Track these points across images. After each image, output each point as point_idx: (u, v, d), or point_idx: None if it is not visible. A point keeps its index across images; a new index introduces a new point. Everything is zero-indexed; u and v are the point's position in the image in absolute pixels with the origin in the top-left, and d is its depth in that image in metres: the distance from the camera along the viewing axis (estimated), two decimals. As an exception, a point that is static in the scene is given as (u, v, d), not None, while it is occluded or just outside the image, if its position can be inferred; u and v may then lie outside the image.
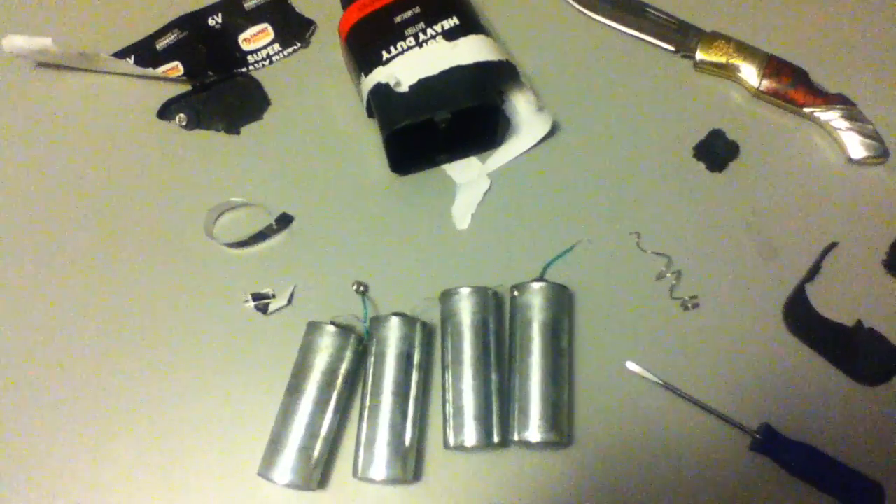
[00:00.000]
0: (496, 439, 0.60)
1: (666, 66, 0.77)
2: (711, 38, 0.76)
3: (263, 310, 0.67)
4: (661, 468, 0.61)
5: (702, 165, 0.72)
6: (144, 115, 0.76)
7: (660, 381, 0.63)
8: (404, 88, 0.64)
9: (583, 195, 0.72)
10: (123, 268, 0.70)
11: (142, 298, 0.68)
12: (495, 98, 0.64)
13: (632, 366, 0.64)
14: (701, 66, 0.76)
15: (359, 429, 0.60)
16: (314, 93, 0.77)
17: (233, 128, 0.74)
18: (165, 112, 0.75)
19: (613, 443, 0.62)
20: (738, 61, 0.75)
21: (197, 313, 0.68)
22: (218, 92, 0.76)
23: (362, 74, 0.66)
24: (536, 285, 0.63)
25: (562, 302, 0.64)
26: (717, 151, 0.72)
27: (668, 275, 0.67)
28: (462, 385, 0.60)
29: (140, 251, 0.70)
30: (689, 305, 0.66)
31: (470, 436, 0.59)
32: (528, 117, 0.73)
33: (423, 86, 0.64)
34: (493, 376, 0.61)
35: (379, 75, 0.65)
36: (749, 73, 0.74)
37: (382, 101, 0.65)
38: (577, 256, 0.68)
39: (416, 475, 0.61)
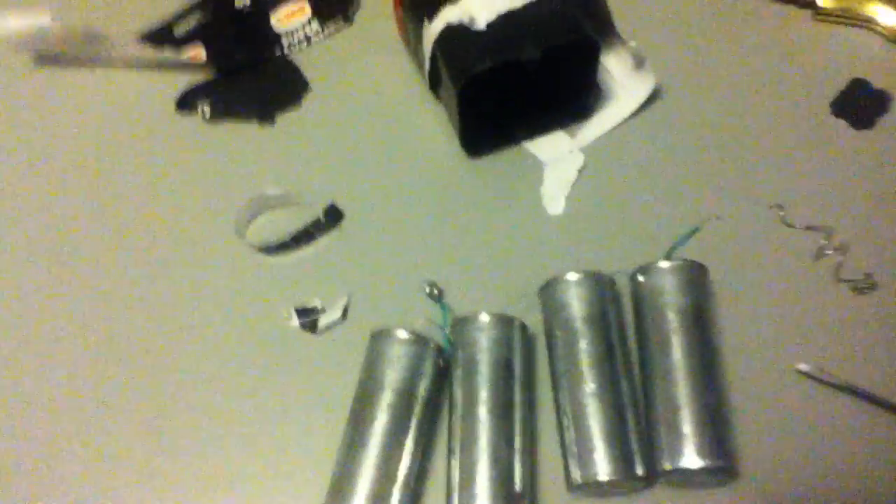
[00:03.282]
0: (639, 471, 0.43)
1: (781, 18, 0.64)
2: (834, -20, 0.63)
3: (312, 327, 0.52)
4: (861, 498, 0.44)
5: (843, 123, 0.58)
6: (161, 108, 0.63)
7: (846, 385, 0.47)
8: (481, 26, 0.51)
9: (700, 166, 0.57)
10: (144, 284, 0.55)
11: (164, 318, 0.54)
12: (594, 36, 0.51)
13: (804, 367, 0.48)
14: (823, 14, 0.63)
15: (449, 468, 0.44)
16: (361, 74, 0.64)
17: (266, 117, 0.62)
18: (186, 102, 0.62)
19: (793, 468, 0.45)
20: (871, 2, 0.62)
21: (230, 334, 0.53)
22: (248, 78, 0.63)
23: (425, 21, 0.53)
24: (669, 264, 0.48)
25: (704, 284, 0.49)
26: (861, 105, 0.58)
27: (830, 251, 0.52)
28: (584, 399, 0.44)
29: (163, 263, 0.56)
30: (865, 287, 0.51)
31: (603, 468, 0.42)
32: (625, 79, 0.59)
33: (505, 23, 0.51)
34: (624, 384, 0.46)
35: (448, 15, 0.51)
36: (888, 16, 0.61)
37: (453, 47, 0.52)
38: (705, 239, 0.54)
39: (532, 529, 0.45)
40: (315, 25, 0.66)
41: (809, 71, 0.61)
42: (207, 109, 0.62)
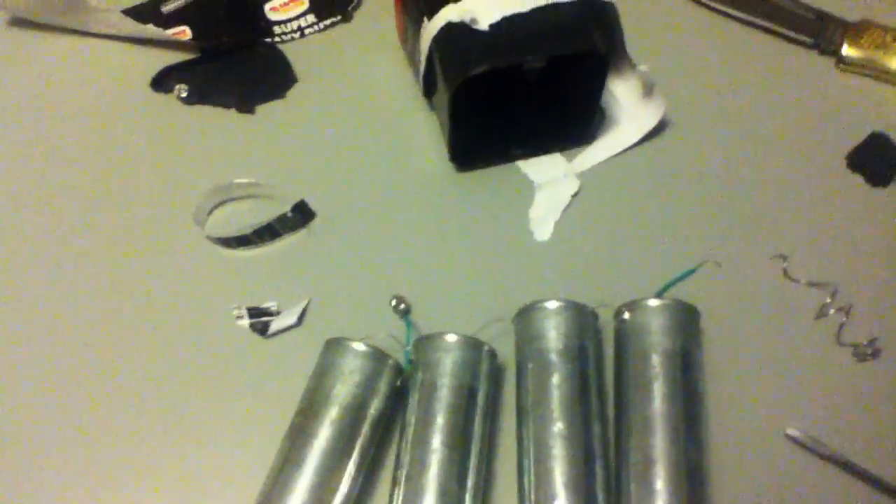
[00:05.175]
0: (602, 524, 0.40)
1: (801, 64, 0.62)
2: (860, 29, 0.61)
3: (263, 330, 0.49)
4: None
5: (858, 178, 0.56)
6: (136, 84, 0.61)
7: (835, 457, 0.44)
8: (483, 27, 0.48)
9: (702, 206, 0.55)
10: (91, 261, 0.52)
11: (107, 300, 0.51)
12: (604, 51, 0.49)
13: (793, 433, 0.45)
14: (846, 64, 0.61)
15: (391, 499, 0.41)
16: (353, 72, 0.62)
17: (246, 105, 0.59)
18: (163, 81, 0.60)
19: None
20: (897, 56, 0.60)
21: (173, 327, 0.50)
22: (232, 62, 0.61)
23: (424, 20, 0.51)
24: (658, 303, 0.45)
25: (694, 329, 0.46)
26: (878, 161, 0.56)
27: (833, 311, 0.50)
28: (550, 439, 0.41)
29: (114, 243, 0.53)
30: (867, 353, 0.48)
31: (562, 515, 0.39)
32: (631, 106, 0.57)
33: (509, 27, 0.48)
34: (596, 428, 0.42)
35: (449, 13, 0.49)
36: (913, 71, 0.60)
37: (451, 47, 0.49)
38: (700, 284, 0.50)
39: (477, 576, 0.41)
40: (311, 17, 0.63)
41: (827, 120, 0.59)
42: (185, 91, 0.59)
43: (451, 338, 0.44)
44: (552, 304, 0.45)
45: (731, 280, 0.51)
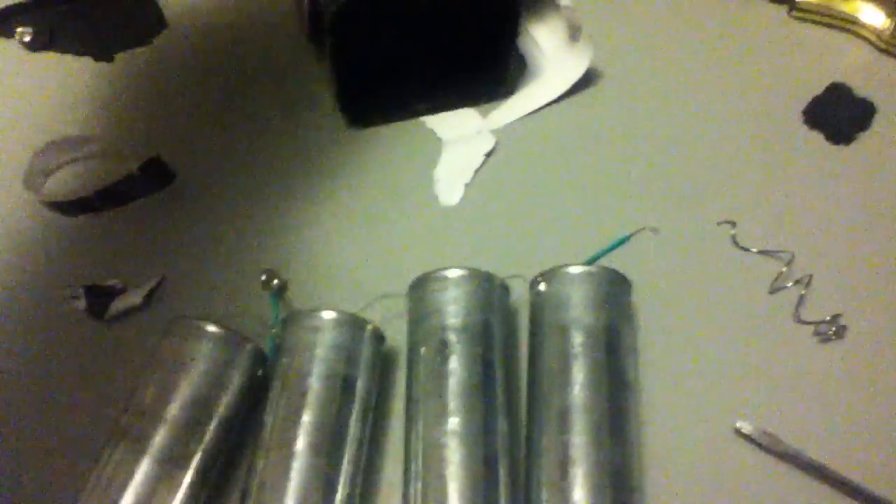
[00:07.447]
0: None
1: (751, 11, 0.56)
2: (815, -27, 0.56)
3: (100, 312, 0.41)
4: None
5: (817, 135, 0.50)
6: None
7: (791, 454, 0.37)
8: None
9: (638, 167, 0.48)
10: None
11: None
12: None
13: (744, 426, 0.38)
14: (801, 11, 0.55)
15: (243, 514, 0.34)
16: (233, 17, 0.54)
17: (103, 52, 0.51)
18: (2, 23, 0.52)
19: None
20: (856, 2, 0.55)
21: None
22: (88, 4, 0.53)
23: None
24: (579, 270, 0.38)
25: (623, 302, 0.39)
26: (839, 116, 0.50)
27: (790, 284, 0.43)
28: (443, 438, 0.34)
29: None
30: (831, 332, 0.42)
31: (456, 531, 0.32)
32: (555, 54, 0.50)
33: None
34: (501, 424, 0.35)
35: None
36: (874, 17, 0.54)
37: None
38: (634, 254, 0.44)
39: None
40: (187, -45, 0.56)
41: (781, 72, 0.53)
42: (28, 34, 0.51)
43: (326, 314, 0.36)
44: (450, 273, 0.38)
45: (672, 249, 0.45)
